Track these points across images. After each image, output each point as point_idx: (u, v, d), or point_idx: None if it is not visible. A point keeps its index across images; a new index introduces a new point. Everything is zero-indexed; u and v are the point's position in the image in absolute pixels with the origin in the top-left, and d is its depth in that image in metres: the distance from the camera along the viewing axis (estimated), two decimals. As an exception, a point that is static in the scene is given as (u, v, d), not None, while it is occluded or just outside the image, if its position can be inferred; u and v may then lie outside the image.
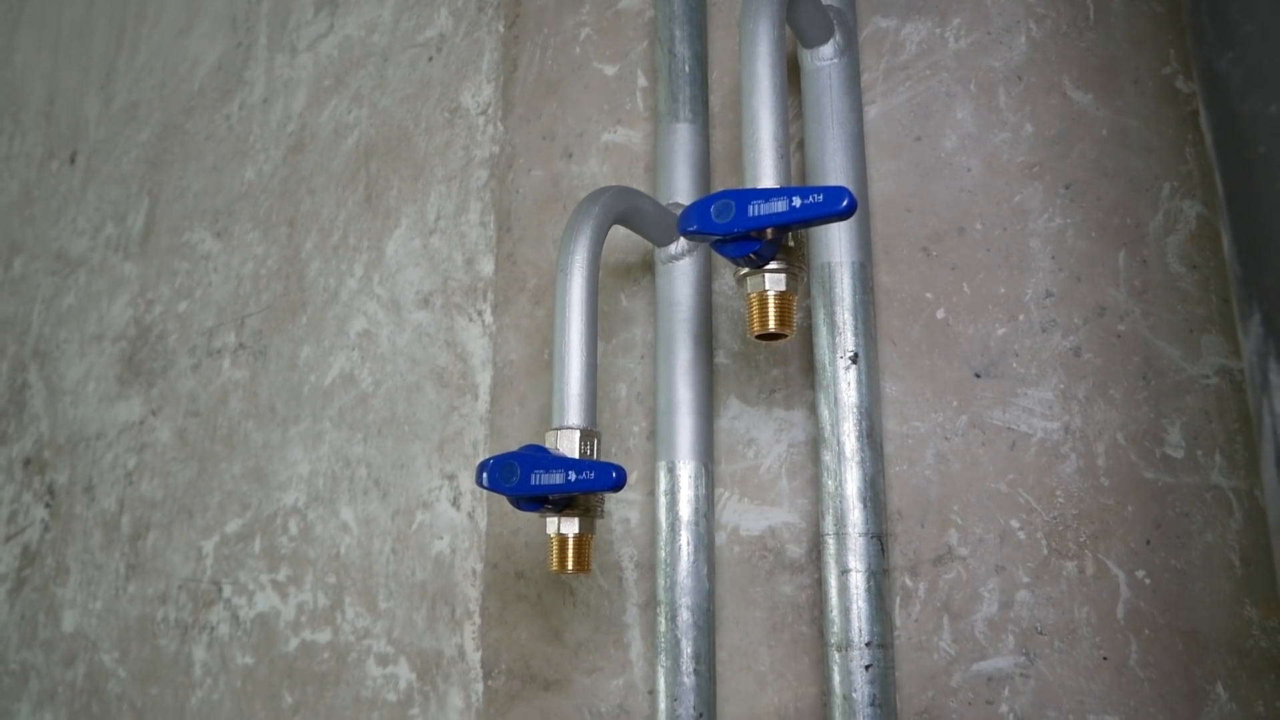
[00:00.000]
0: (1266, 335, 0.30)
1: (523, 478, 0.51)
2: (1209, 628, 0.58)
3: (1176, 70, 0.64)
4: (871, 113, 0.73)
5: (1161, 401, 0.61)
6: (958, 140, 0.70)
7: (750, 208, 0.47)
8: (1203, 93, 0.33)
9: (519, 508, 0.54)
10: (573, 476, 0.50)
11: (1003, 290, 0.67)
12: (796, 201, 0.46)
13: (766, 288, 0.51)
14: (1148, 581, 0.60)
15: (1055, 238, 0.66)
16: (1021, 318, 0.66)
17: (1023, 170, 0.68)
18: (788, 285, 0.52)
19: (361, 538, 0.92)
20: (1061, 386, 0.64)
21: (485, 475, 0.53)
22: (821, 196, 0.45)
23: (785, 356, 0.73)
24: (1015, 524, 0.64)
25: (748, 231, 0.48)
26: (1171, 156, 0.64)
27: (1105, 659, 0.60)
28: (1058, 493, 0.63)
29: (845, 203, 0.45)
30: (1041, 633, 0.62)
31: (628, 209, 0.63)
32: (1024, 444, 0.65)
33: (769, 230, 0.48)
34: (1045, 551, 0.63)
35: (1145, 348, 0.62)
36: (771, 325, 0.51)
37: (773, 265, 0.51)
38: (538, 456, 0.52)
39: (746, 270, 0.52)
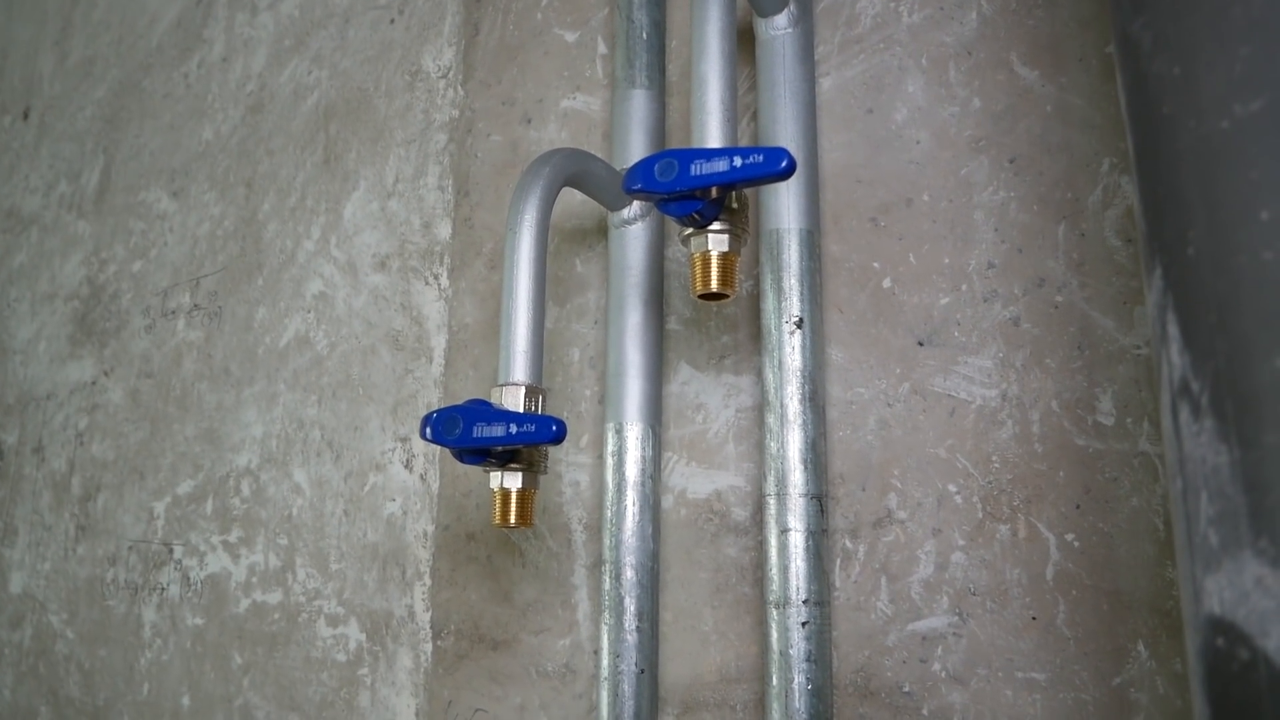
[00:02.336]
0: (1165, 288, 0.32)
1: (465, 430, 0.51)
2: (1133, 588, 0.60)
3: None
4: (825, 84, 0.74)
5: (1095, 370, 0.63)
6: (908, 113, 0.72)
7: (693, 166, 0.48)
8: (1118, 56, 0.35)
9: (462, 460, 0.54)
10: (514, 429, 0.50)
11: (947, 261, 0.68)
12: (737, 161, 0.47)
13: (710, 248, 0.52)
14: (1076, 544, 0.62)
15: (999, 210, 0.67)
16: (964, 288, 0.68)
17: (970, 144, 0.69)
18: (730, 246, 0.52)
19: (314, 499, 0.92)
20: (1000, 355, 0.66)
21: (429, 428, 0.53)
22: (762, 156, 0.46)
23: (735, 323, 0.74)
24: (953, 488, 0.66)
25: (691, 190, 0.48)
26: (1112, 133, 0.65)
27: (1034, 619, 0.62)
28: (994, 458, 0.65)
29: (784, 163, 0.46)
30: (974, 593, 0.64)
31: (580, 171, 0.64)
32: (963, 411, 0.66)
33: (713, 189, 0.49)
34: (980, 515, 0.65)
35: (1081, 318, 0.64)
36: (714, 285, 0.52)
37: (716, 226, 0.52)
38: (481, 410, 0.52)
39: (690, 231, 0.53)
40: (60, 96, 1.33)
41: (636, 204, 0.71)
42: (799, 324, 0.63)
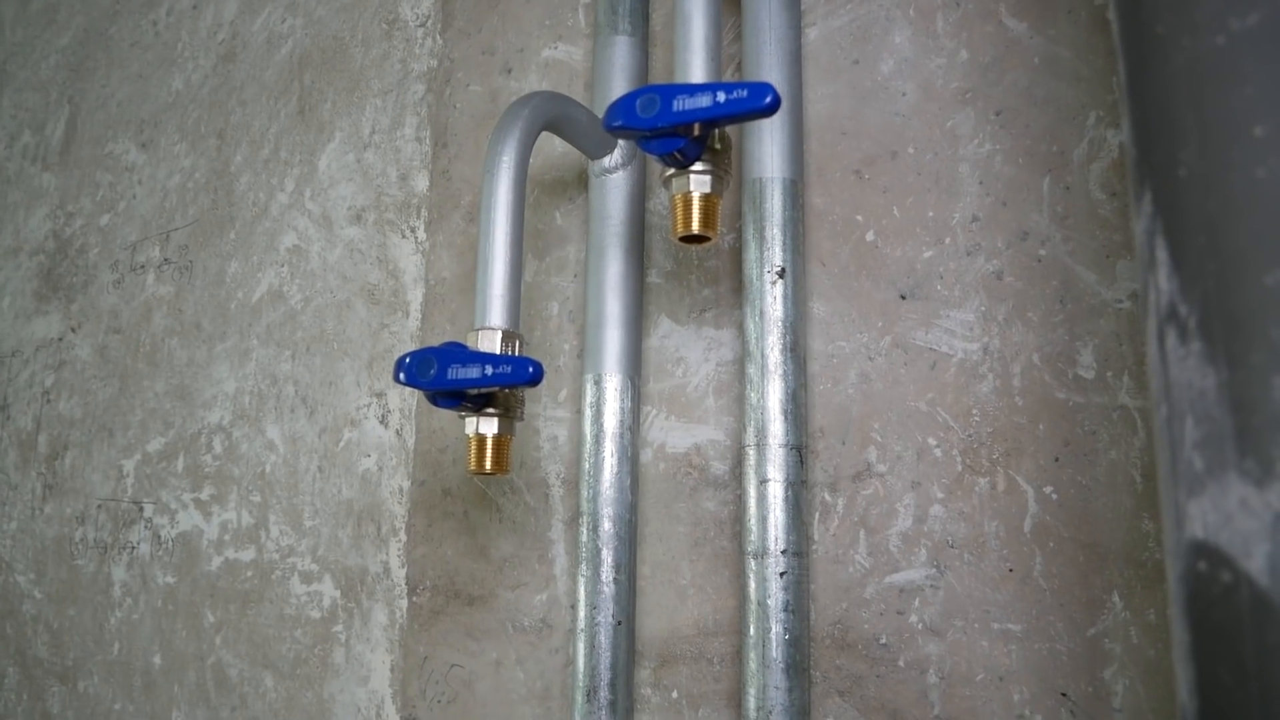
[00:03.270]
0: (1155, 213, 0.31)
1: (439, 372, 0.50)
2: (1109, 540, 0.60)
3: (1108, 0, 0.65)
4: (812, 34, 0.73)
5: (1076, 324, 0.63)
6: (895, 64, 0.71)
7: (675, 102, 0.47)
8: (1114, -24, 0.34)
9: (435, 404, 0.53)
10: (489, 370, 0.49)
11: (931, 214, 0.68)
12: (721, 96, 0.46)
13: (691, 189, 0.51)
14: (1055, 497, 0.62)
15: (984, 163, 0.67)
16: (948, 241, 0.67)
17: (956, 96, 0.69)
18: (713, 187, 0.51)
19: (288, 456, 0.91)
20: (983, 309, 0.65)
21: (402, 371, 0.52)
22: (746, 91, 0.45)
23: (716, 276, 0.74)
24: (933, 441, 0.65)
25: (673, 127, 0.47)
26: (1099, 86, 0.65)
27: (1011, 570, 0.62)
28: (974, 411, 0.65)
29: (769, 98, 0.45)
30: (952, 546, 0.64)
31: (559, 115, 0.62)
32: (944, 364, 0.66)
33: (695, 127, 0.48)
34: (959, 468, 0.64)
35: (1064, 272, 0.64)
36: (695, 226, 0.51)
37: (698, 166, 0.51)
38: (456, 352, 0.51)
39: (672, 172, 0.52)
40: (22, 44, 1.29)
41: (617, 152, 0.70)
42: (781, 274, 0.63)
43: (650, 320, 0.75)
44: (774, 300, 0.62)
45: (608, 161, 0.69)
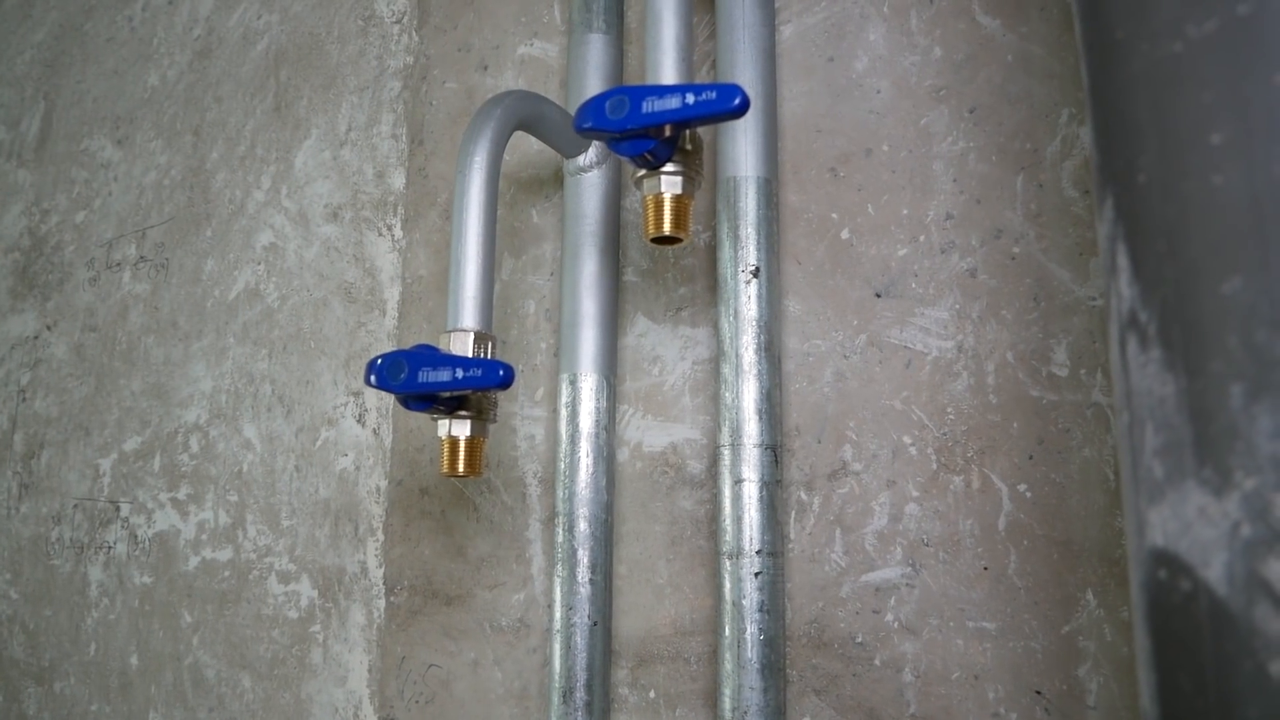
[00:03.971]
0: (1116, 218, 0.31)
1: (410, 375, 0.50)
2: (1083, 538, 0.60)
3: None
4: (786, 32, 0.73)
5: (1050, 322, 0.63)
6: (869, 62, 0.70)
7: (644, 104, 0.46)
8: (1076, -19, 0.34)
9: (407, 407, 0.53)
10: (460, 374, 0.49)
11: (906, 212, 0.68)
12: (690, 98, 0.45)
13: (662, 190, 0.51)
14: (1029, 495, 0.62)
15: (958, 161, 0.67)
16: (922, 239, 0.67)
17: (930, 93, 0.68)
18: (684, 188, 0.51)
19: (264, 455, 0.90)
20: (957, 306, 0.65)
21: (373, 374, 0.52)
22: (715, 94, 0.45)
23: (692, 275, 0.73)
24: (908, 440, 0.65)
25: (643, 129, 0.47)
26: (1072, 83, 0.65)
27: (986, 569, 0.62)
28: (949, 410, 0.65)
29: (738, 100, 0.45)
30: (927, 544, 0.64)
31: (533, 114, 0.62)
32: (919, 362, 0.66)
33: (666, 128, 0.48)
34: (934, 466, 0.64)
35: (1037, 270, 0.64)
36: (666, 228, 0.51)
37: (669, 168, 0.50)
38: (427, 354, 0.51)
39: (643, 173, 0.52)
40: (-2, 40, 1.27)
41: (592, 151, 0.69)
42: (755, 273, 0.62)
43: (626, 319, 0.74)
44: (748, 299, 0.62)
45: (582, 160, 0.69)
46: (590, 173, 0.69)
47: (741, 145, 0.64)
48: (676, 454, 0.72)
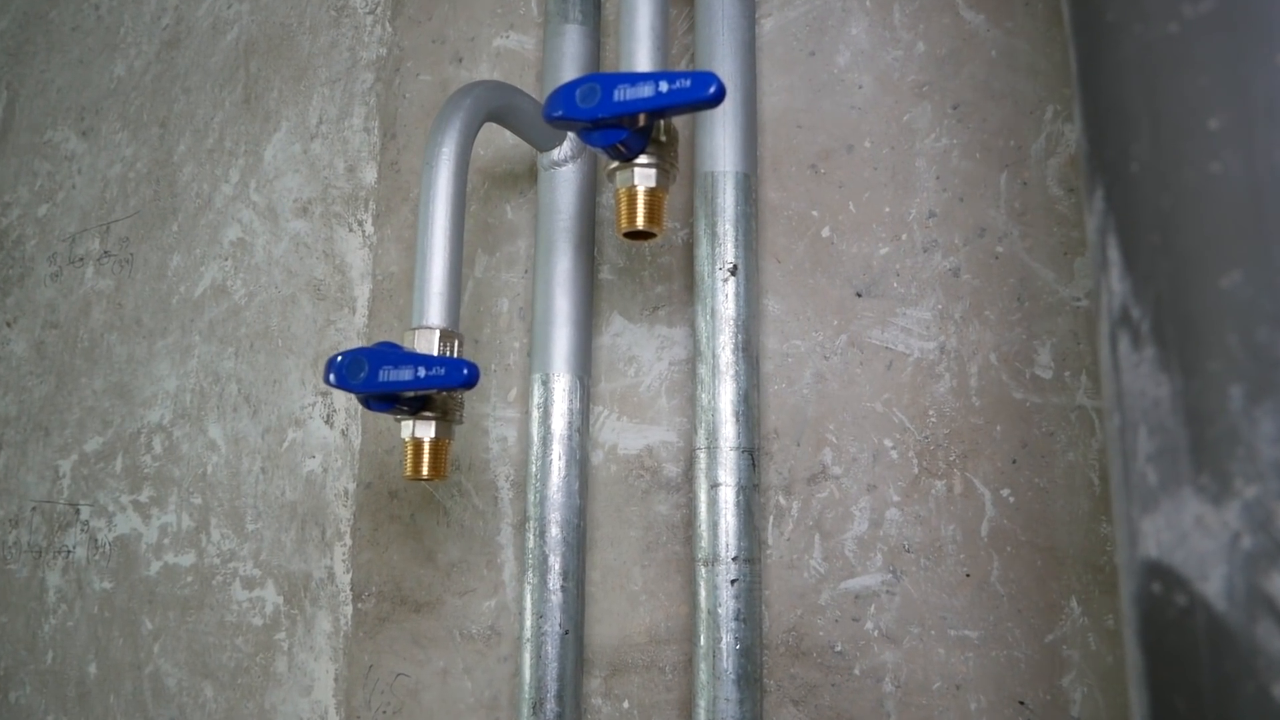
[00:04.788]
0: (1106, 210, 0.29)
1: (370, 374, 0.48)
2: (1067, 544, 0.59)
3: (1068, -8, 0.64)
4: (767, 25, 0.71)
5: (1034, 323, 0.61)
6: (851, 56, 0.69)
7: (616, 92, 0.44)
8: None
9: (369, 407, 0.51)
10: (422, 373, 0.47)
11: (887, 210, 0.66)
12: (664, 86, 0.43)
13: (636, 183, 0.49)
14: (1012, 500, 0.61)
15: (941, 158, 0.65)
16: (904, 237, 0.65)
17: (913, 89, 0.67)
18: (658, 181, 0.49)
19: (230, 457, 0.88)
20: (939, 307, 0.64)
21: (333, 372, 0.49)
22: (689, 81, 0.43)
23: (670, 273, 0.72)
24: (889, 443, 0.64)
25: (616, 118, 0.45)
26: (1057, 80, 0.63)
27: (968, 575, 0.61)
28: (930, 412, 0.63)
29: (713, 88, 0.43)
30: (909, 550, 0.62)
31: (505, 105, 0.60)
32: (900, 364, 0.64)
33: (639, 117, 0.46)
34: (916, 470, 0.63)
35: (1021, 269, 0.62)
36: (640, 222, 0.49)
37: (642, 160, 0.48)
38: (388, 353, 0.49)
39: (616, 165, 0.50)
40: (-39, 29, 1.24)
41: (567, 145, 0.67)
42: (733, 271, 0.61)
43: (602, 318, 0.72)
44: (726, 298, 0.60)
45: (557, 154, 0.67)
46: (565, 167, 0.67)
47: (720, 140, 0.62)
48: (652, 457, 0.70)
